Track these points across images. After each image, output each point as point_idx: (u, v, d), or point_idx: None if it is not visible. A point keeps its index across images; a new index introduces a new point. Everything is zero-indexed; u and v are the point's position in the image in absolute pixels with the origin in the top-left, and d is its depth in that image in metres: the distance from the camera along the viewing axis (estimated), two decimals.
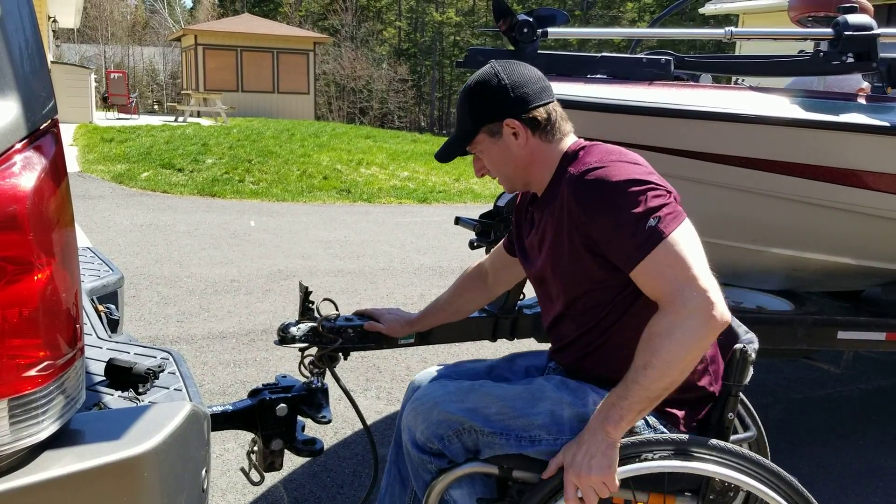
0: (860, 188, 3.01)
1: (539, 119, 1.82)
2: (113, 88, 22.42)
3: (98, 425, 1.35)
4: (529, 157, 1.84)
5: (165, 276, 6.21)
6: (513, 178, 1.91)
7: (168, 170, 11.85)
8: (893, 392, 4.40)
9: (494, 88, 1.81)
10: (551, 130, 1.84)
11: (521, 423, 1.74)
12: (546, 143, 1.84)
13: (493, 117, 1.82)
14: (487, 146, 1.86)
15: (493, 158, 1.87)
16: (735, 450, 1.66)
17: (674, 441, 1.66)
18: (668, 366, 1.54)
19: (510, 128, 1.81)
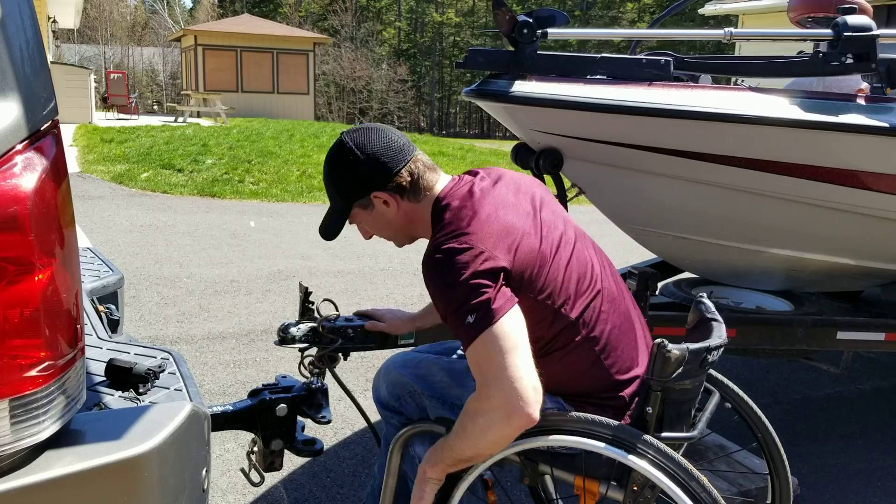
0: (859, 189, 3.02)
1: (403, 184, 1.85)
2: (113, 89, 22.42)
3: (98, 425, 1.35)
4: (405, 218, 1.90)
5: (165, 276, 6.21)
6: (397, 238, 1.98)
7: (168, 170, 11.84)
8: (893, 392, 4.40)
9: (353, 166, 1.86)
10: (418, 189, 1.87)
11: (456, 393, 1.90)
12: (416, 202, 1.88)
13: (359, 194, 1.88)
14: (364, 217, 1.93)
15: (373, 226, 1.95)
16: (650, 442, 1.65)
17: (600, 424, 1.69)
18: (472, 443, 1.67)
19: (379, 199, 1.87)
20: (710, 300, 2.12)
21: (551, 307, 1.74)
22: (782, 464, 2.24)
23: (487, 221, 1.71)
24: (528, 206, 1.83)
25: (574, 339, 1.77)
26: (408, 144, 1.91)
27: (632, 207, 3.31)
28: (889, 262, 3.48)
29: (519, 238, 1.72)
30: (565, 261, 1.78)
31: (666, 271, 4.01)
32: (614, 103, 2.77)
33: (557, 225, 1.85)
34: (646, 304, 3.11)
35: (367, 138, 1.87)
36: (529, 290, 1.71)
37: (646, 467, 1.62)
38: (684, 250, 3.49)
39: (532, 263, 1.71)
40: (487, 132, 47.16)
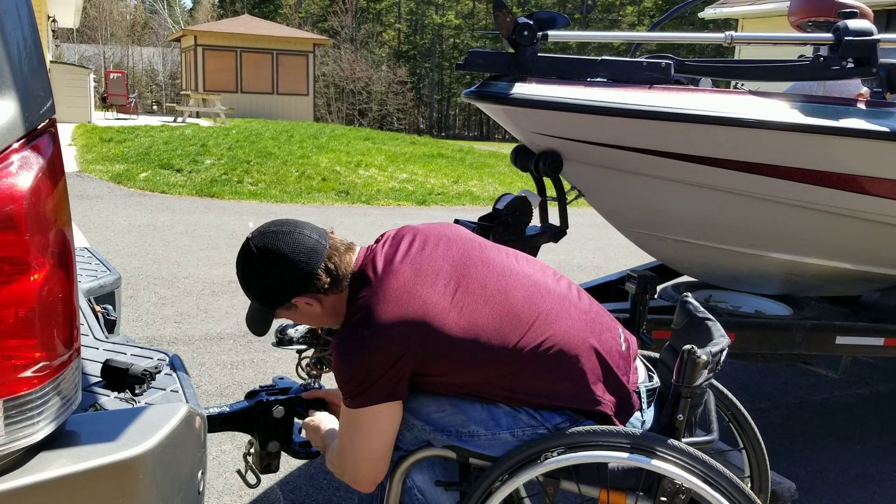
0: (859, 193, 3.01)
1: (323, 283, 1.82)
2: (112, 88, 22.39)
3: (94, 427, 1.35)
4: (332, 310, 1.89)
5: (163, 276, 6.20)
6: (328, 324, 1.98)
7: (167, 170, 11.83)
8: (891, 397, 4.39)
9: (268, 276, 1.84)
10: (338, 281, 1.84)
11: (458, 420, 1.81)
12: (339, 293, 1.86)
13: (279, 302, 1.87)
14: (291, 315, 1.93)
15: (302, 320, 1.97)
16: (683, 448, 1.66)
17: (628, 436, 1.69)
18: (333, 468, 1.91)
19: (302, 301, 1.85)
20: (694, 299, 2.12)
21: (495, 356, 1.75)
22: (755, 436, 2.26)
23: (396, 305, 1.72)
24: (446, 269, 1.81)
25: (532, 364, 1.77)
26: (320, 239, 1.86)
27: (631, 210, 3.31)
28: (888, 266, 3.47)
29: (435, 315, 1.72)
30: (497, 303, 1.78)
31: (665, 275, 4.00)
32: (614, 106, 2.77)
33: (479, 267, 1.84)
34: (644, 308, 3.11)
35: (277, 247, 1.82)
36: (460, 354, 1.73)
37: (682, 475, 1.63)
38: (683, 254, 3.49)
39: (454, 334, 1.72)
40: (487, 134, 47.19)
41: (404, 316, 1.71)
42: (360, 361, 1.70)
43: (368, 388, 1.71)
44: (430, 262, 1.82)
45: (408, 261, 1.81)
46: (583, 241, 8.23)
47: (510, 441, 1.79)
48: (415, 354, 1.71)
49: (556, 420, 1.79)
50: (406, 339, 1.70)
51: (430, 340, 1.71)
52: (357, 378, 1.71)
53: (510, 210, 3.03)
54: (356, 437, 1.77)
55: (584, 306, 1.92)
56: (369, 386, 1.71)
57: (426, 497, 1.90)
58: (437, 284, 1.77)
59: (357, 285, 1.82)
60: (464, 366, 1.75)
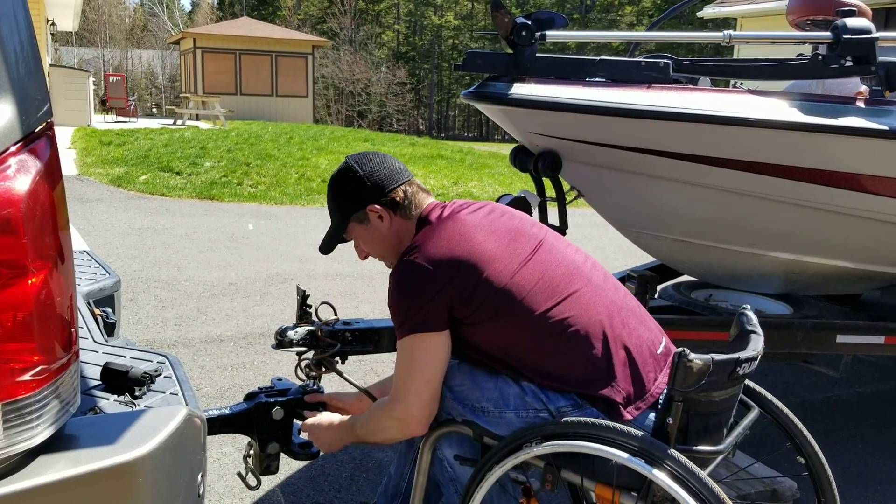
0: (858, 191, 3.01)
1: (397, 199, 2.04)
2: (111, 91, 22.40)
3: (93, 430, 1.34)
4: (396, 235, 2.06)
5: (163, 279, 6.20)
6: (389, 257, 2.11)
7: (166, 173, 11.83)
8: (892, 396, 4.39)
9: (352, 181, 2.06)
10: (409, 206, 2.05)
11: (474, 395, 1.93)
12: (407, 220, 2.05)
13: (356, 207, 2.06)
14: (360, 232, 2.10)
15: (368, 242, 2.11)
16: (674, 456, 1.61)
17: (625, 434, 1.68)
18: (370, 435, 2.02)
19: (374, 213, 2.04)
20: (752, 313, 2.06)
21: (521, 317, 1.85)
22: (824, 472, 2.20)
23: (449, 244, 1.89)
24: (502, 230, 1.96)
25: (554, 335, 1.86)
26: (404, 169, 2.10)
27: (631, 210, 3.30)
28: (888, 265, 3.47)
29: (481, 260, 1.86)
30: (537, 271, 1.90)
31: (665, 274, 4.00)
32: (613, 106, 2.77)
33: (531, 239, 1.98)
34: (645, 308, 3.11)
35: (367, 159, 2.08)
36: (491, 301, 1.85)
37: (665, 480, 1.59)
38: (683, 253, 3.48)
39: (493, 282, 1.85)
40: (486, 135, 47.19)
41: (452, 252, 1.87)
42: (407, 289, 1.87)
43: (414, 315, 1.85)
44: (491, 221, 1.98)
45: (471, 215, 1.99)
46: (582, 242, 8.20)
47: (514, 421, 1.88)
48: (454, 289, 1.84)
49: (561, 403, 1.85)
50: (449, 274, 1.85)
51: (470, 280, 1.84)
52: (403, 305, 1.87)
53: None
54: (408, 367, 1.89)
55: (619, 300, 2.00)
56: (415, 313, 1.85)
57: (454, 470, 2.03)
58: (491, 238, 1.91)
59: (421, 225, 2.02)
60: (494, 318, 1.86)
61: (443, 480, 2.08)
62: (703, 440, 1.74)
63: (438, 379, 1.90)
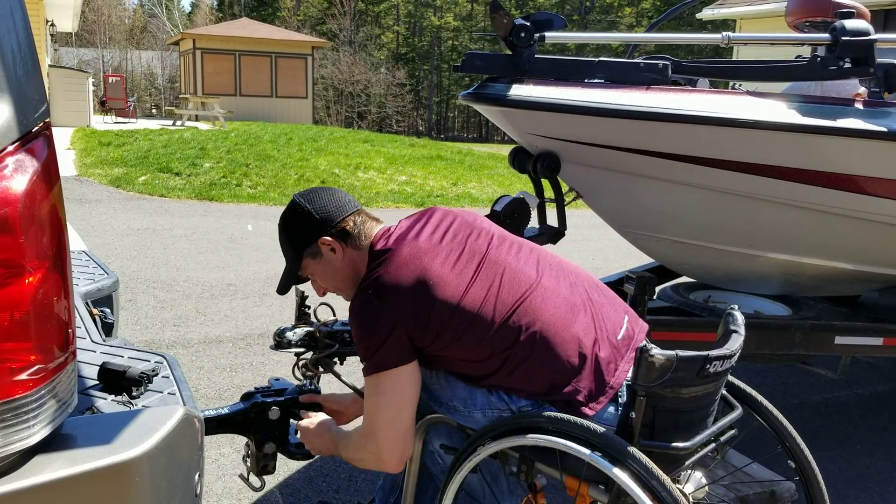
0: (857, 193, 3.01)
1: (347, 229, 2.04)
2: (111, 92, 22.38)
3: (90, 429, 1.34)
4: (351, 266, 2.05)
5: (162, 280, 6.20)
6: (346, 289, 2.09)
7: (165, 174, 11.83)
8: (890, 397, 4.39)
9: (301, 216, 2.05)
10: (359, 236, 2.05)
11: (447, 394, 1.99)
12: (359, 250, 2.05)
13: (308, 241, 2.05)
14: (314, 268, 2.09)
15: (323, 276, 2.10)
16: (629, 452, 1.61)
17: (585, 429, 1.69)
18: (352, 460, 2.03)
19: (326, 245, 2.03)
20: (739, 313, 2.05)
21: (477, 336, 1.86)
22: (815, 477, 2.20)
23: (396, 277, 1.88)
24: (445, 250, 1.95)
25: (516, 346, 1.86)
26: (353, 201, 2.12)
27: (629, 211, 3.31)
28: (886, 266, 3.47)
29: (429, 288, 1.86)
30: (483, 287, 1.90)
31: (663, 275, 4.00)
32: (612, 107, 2.77)
33: (474, 255, 1.97)
34: (643, 309, 3.11)
35: (315, 194, 2.09)
36: (447, 327, 1.85)
37: (623, 477, 1.59)
38: (682, 254, 3.48)
39: (444, 308, 1.85)
40: (486, 136, 47.19)
41: (399, 285, 1.87)
42: (364, 327, 1.87)
43: (374, 352, 1.86)
44: (433, 243, 1.97)
45: (420, 235, 1.99)
46: (581, 243, 8.22)
47: (480, 420, 1.94)
48: (409, 321, 1.85)
49: (521, 403, 1.89)
50: (401, 307, 1.85)
51: (422, 310, 1.85)
52: (363, 344, 1.88)
53: (508, 211, 3.03)
54: (379, 400, 1.89)
55: (576, 293, 1.99)
56: (374, 351, 1.86)
57: (444, 461, 2.08)
58: (435, 262, 1.91)
59: (372, 255, 2.01)
60: (453, 342, 1.87)
61: (435, 471, 2.13)
62: (673, 437, 1.72)
63: (408, 412, 1.90)
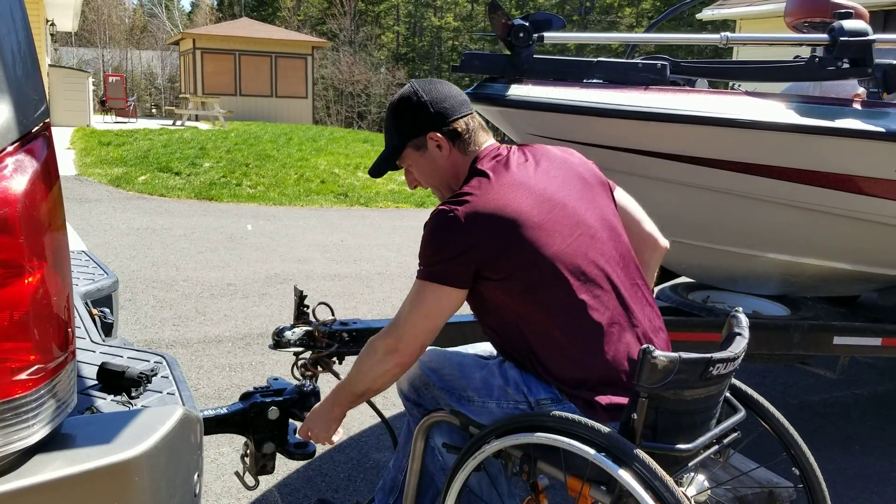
0: (856, 193, 3.02)
1: (459, 130, 1.97)
2: (111, 92, 22.39)
3: (89, 429, 1.35)
4: (452, 168, 2.00)
5: (162, 279, 6.20)
6: (441, 189, 2.05)
7: (165, 173, 11.83)
8: (889, 397, 4.39)
9: (415, 106, 1.98)
10: (469, 141, 1.98)
11: (461, 384, 2.00)
12: (465, 155, 1.99)
13: (416, 132, 1.99)
14: (415, 159, 2.03)
15: (421, 170, 2.04)
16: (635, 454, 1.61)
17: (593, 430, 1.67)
18: (361, 376, 1.94)
19: (434, 140, 1.97)
20: (743, 315, 2.03)
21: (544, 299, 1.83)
22: (819, 484, 2.17)
23: (492, 203, 1.81)
24: (548, 194, 1.88)
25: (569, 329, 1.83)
26: (468, 102, 2.04)
27: None
28: (885, 266, 3.47)
29: (519, 229, 1.80)
30: (571, 256, 1.84)
31: (663, 275, 4.00)
32: (610, 107, 2.77)
33: (574, 216, 1.89)
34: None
35: (433, 86, 2.00)
36: (518, 276, 1.82)
37: (626, 477, 1.58)
38: (681, 255, 3.49)
39: (526, 255, 1.80)
40: None
41: (493, 211, 1.81)
42: (438, 238, 1.83)
43: (436, 264, 1.82)
44: (539, 179, 1.91)
45: (521, 168, 1.93)
46: None
47: (494, 412, 1.93)
48: (484, 251, 1.80)
49: (541, 395, 1.88)
50: (483, 235, 1.80)
51: (505, 246, 1.80)
52: (429, 251, 1.84)
53: None
54: (414, 304, 1.86)
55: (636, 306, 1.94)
56: (437, 263, 1.82)
57: (444, 459, 2.07)
58: (535, 204, 1.85)
59: (474, 167, 1.95)
60: (518, 291, 1.84)
61: (434, 469, 2.11)
62: (675, 439, 1.71)
63: (436, 326, 1.87)
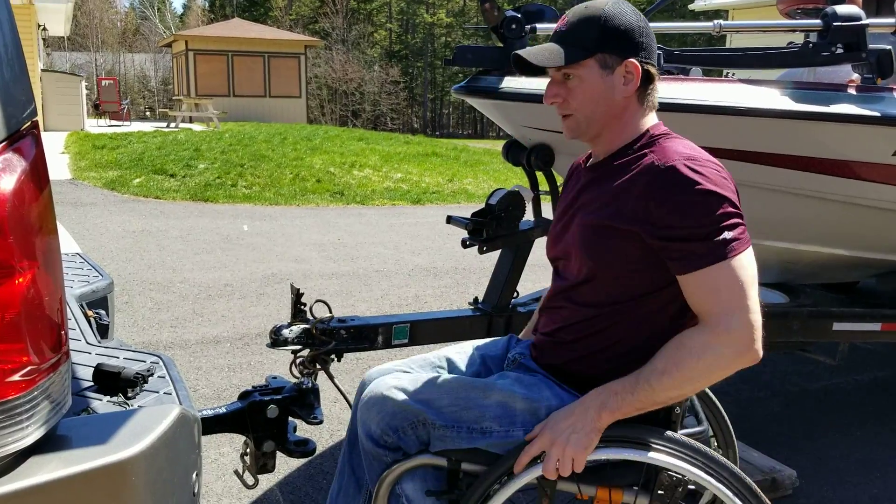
0: (852, 179, 3.01)
1: (652, 75, 1.72)
2: (104, 95, 22.37)
3: (85, 430, 1.33)
4: (622, 109, 1.72)
5: (158, 281, 6.19)
6: (590, 121, 1.74)
7: (160, 175, 11.81)
8: (890, 383, 4.39)
9: (628, 23, 1.68)
10: (650, 95, 1.75)
11: (472, 415, 1.73)
12: (640, 105, 1.74)
13: (618, 49, 1.68)
14: (591, 76, 1.69)
15: (588, 92, 1.70)
16: (685, 441, 1.65)
17: (626, 430, 1.65)
18: (686, 382, 1.58)
19: (628, 70, 1.68)
20: None
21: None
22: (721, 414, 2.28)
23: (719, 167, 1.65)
24: None
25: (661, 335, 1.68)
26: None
27: None
28: (883, 252, 3.47)
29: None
30: None
31: None
32: None
33: None
34: None
35: (645, 21, 1.73)
36: None
37: (682, 466, 1.61)
38: None
39: None
40: (481, 132, 47.16)
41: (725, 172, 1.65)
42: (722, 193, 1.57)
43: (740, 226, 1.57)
44: None
45: None
46: None
47: (521, 438, 1.70)
48: None
49: (567, 401, 1.72)
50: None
51: None
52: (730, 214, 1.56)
53: (503, 205, 3.02)
54: (746, 289, 1.55)
55: None
56: (740, 223, 1.57)
57: None
58: None
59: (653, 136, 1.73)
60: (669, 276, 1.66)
61: None
62: (686, 423, 1.79)
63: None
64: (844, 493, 3.07)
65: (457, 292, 6.18)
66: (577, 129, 1.77)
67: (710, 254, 1.55)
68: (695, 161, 1.61)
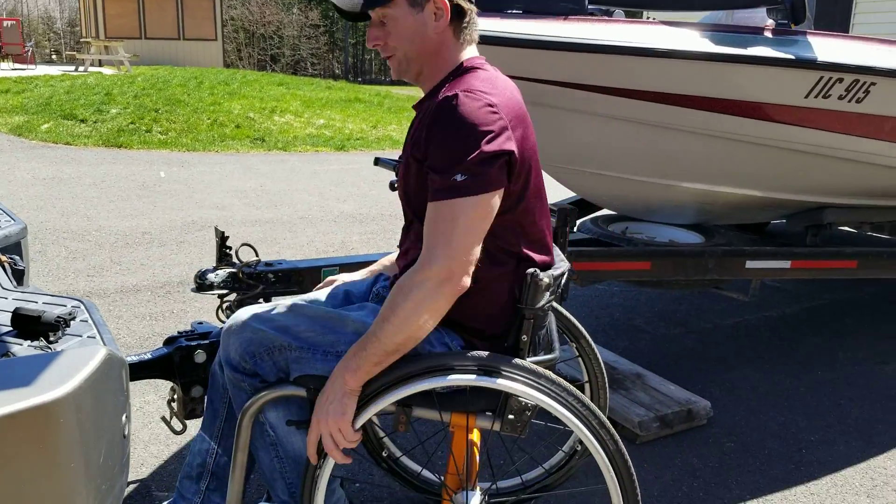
0: (766, 121, 3.11)
1: (464, 9, 1.73)
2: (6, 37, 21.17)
3: (7, 372, 1.30)
4: (437, 45, 1.74)
5: (72, 229, 5.98)
6: (409, 60, 1.77)
7: (70, 121, 11.32)
8: (797, 319, 4.61)
9: None
10: (466, 29, 1.76)
11: (328, 340, 1.75)
12: (455, 40, 1.76)
13: None
14: (401, 15, 1.71)
15: (401, 31, 1.73)
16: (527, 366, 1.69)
17: (474, 358, 1.68)
18: (404, 323, 1.58)
19: (436, 5, 1.70)
20: None
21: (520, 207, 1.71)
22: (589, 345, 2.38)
23: (511, 105, 1.67)
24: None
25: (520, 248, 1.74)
26: None
27: (548, 144, 3.32)
28: (794, 192, 3.61)
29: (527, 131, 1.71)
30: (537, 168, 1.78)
31: (585, 209, 4.07)
32: (529, 38, 2.76)
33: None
34: (565, 241, 3.16)
35: None
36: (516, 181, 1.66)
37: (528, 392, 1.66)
38: (600, 187, 3.54)
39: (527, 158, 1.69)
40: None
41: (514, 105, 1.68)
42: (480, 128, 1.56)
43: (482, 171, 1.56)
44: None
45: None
46: None
47: None
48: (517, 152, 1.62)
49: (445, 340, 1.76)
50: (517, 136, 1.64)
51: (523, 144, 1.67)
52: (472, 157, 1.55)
53: None
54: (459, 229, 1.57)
55: None
56: (484, 167, 1.56)
57: (277, 434, 1.86)
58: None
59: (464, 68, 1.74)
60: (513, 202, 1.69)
61: (260, 445, 1.89)
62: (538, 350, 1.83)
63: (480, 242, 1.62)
64: (756, 420, 3.24)
65: (383, 238, 6.17)
66: (400, 68, 1.79)
67: (440, 189, 1.58)
68: (468, 94, 1.60)
